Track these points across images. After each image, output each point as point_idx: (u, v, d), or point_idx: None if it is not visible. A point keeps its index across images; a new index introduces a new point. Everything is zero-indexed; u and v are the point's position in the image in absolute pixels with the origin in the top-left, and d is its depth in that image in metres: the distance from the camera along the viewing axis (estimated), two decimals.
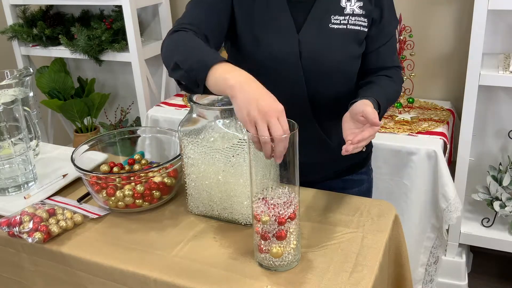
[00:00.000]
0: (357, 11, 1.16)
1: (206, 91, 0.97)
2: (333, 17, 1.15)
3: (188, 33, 1.08)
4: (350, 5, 1.16)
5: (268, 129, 0.85)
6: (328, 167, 1.31)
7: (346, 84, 1.22)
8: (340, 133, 1.15)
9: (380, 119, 1.07)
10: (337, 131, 1.17)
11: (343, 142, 1.14)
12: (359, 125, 1.05)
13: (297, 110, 1.14)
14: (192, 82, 0.98)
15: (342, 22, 1.15)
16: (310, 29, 1.15)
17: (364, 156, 1.37)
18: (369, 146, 1.39)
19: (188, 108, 1.27)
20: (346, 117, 1.07)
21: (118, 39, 2.42)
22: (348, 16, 1.15)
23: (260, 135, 0.85)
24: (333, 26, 1.15)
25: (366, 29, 1.18)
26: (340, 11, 1.16)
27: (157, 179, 1.15)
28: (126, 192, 1.11)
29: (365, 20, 1.17)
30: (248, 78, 0.91)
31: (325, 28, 1.15)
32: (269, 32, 1.16)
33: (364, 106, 1.03)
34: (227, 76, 0.91)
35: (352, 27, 1.16)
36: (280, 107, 0.88)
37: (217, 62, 0.94)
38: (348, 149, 1.00)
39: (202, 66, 0.95)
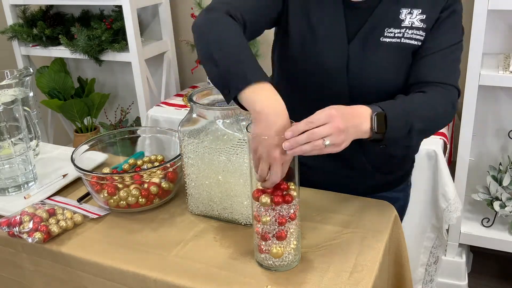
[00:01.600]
0: (417, 24, 1.05)
1: (230, 99, 0.93)
2: (387, 29, 1.06)
3: (227, 19, 0.99)
4: (410, 18, 1.06)
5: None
6: (359, 182, 1.22)
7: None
8: (372, 156, 1.11)
9: (389, 135, 0.95)
10: (369, 152, 1.13)
11: (379, 160, 1.11)
12: None
13: None
14: (221, 85, 0.93)
15: (396, 35, 1.05)
16: (361, 41, 1.07)
17: (402, 174, 1.27)
18: (407, 163, 1.28)
19: (188, 108, 1.27)
20: None
21: (118, 39, 2.42)
22: (404, 29, 1.06)
23: (259, 170, 0.87)
24: (384, 39, 1.06)
25: (420, 43, 1.07)
26: (398, 23, 1.06)
27: (156, 179, 1.15)
28: (133, 192, 1.11)
29: (424, 33, 1.06)
30: (276, 110, 0.87)
31: (377, 41, 1.06)
32: (318, 39, 1.09)
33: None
34: (257, 98, 0.88)
35: (407, 41, 1.06)
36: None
37: (257, 81, 0.89)
38: (284, 145, 0.86)
39: (242, 79, 0.89)
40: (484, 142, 2.09)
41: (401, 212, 1.27)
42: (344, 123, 0.88)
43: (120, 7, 2.38)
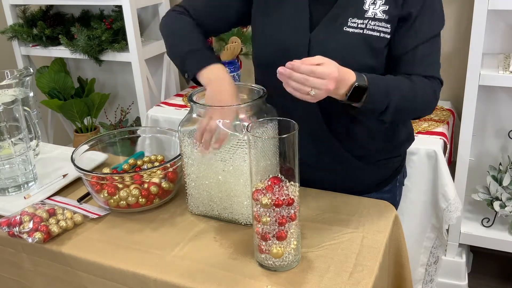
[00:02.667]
0: (379, 15, 1.07)
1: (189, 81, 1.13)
2: (351, 19, 1.07)
3: (177, 17, 1.21)
4: (373, 8, 1.07)
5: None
6: (341, 181, 1.23)
7: None
8: (357, 145, 1.13)
9: (371, 109, 1.02)
10: (352, 141, 1.15)
11: (360, 153, 1.14)
12: None
13: (306, 114, 1.13)
14: (182, 72, 1.15)
15: (359, 26, 1.07)
16: (324, 30, 1.09)
17: (389, 173, 1.27)
18: (396, 162, 1.28)
19: (188, 108, 1.27)
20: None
21: (118, 39, 2.42)
22: (367, 20, 1.07)
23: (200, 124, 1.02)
24: (348, 29, 1.07)
25: (387, 35, 1.08)
26: (361, 14, 1.07)
27: (156, 179, 1.15)
28: (134, 192, 1.11)
29: (388, 25, 1.07)
30: (219, 77, 1.08)
31: (339, 30, 1.08)
32: (281, 26, 1.12)
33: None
34: (207, 74, 1.09)
35: (370, 32, 1.07)
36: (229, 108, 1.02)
37: (208, 65, 1.09)
38: (279, 70, 0.96)
39: (195, 66, 1.11)
40: (484, 142, 2.09)
41: None
42: (335, 86, 0.96)
43: (120, 7, 2.38)
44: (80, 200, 1.21)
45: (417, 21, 1.08)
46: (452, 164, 1.99)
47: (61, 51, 2.58)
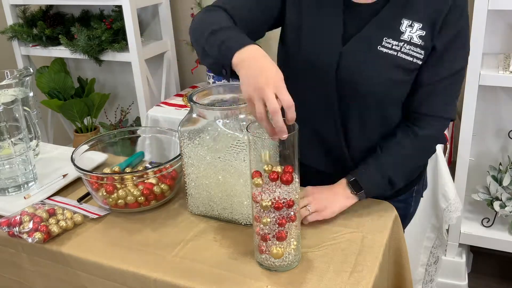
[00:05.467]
0: (415, 40, 1.04)
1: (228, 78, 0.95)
2: (386, 39, 1.04)
3: (214, 13, 1.06)
4: (410, 31, 1.04)
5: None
6: None
7: (378, 110, 1.11)
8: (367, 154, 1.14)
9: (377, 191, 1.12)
10: (364, 152, 1.15)
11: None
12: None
13: (327, 125, 1.15)
14: (217, 69, 0.97)
15: (393, 47, 1.04)
16: (356, 46, 1.06)
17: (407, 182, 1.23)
18: (420, 178, 1.28)
19: (188, 108, 1.27)
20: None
21: (118, 39, 2.42)
22: (403, 43, 1.04)
23: (257, 112, 0.85)
24: (382, 49, 1.04)
25: (420, 62, 1.05)
26: (397, 35, 1.04)
27: (155, 180, 1.15)
28: (132, 192, 1.11)
29: (422, 52, 1.04)
30: (252, 55, 0.89)
31: (373, 49, 1.05)
32: (314, 38, 1.10)
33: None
34: (243, 54, 0.90)
35: (403, 56, 1.04)
36: (277, 76, 0.86)
37: (242, 46, 0.91)
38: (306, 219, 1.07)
39: (229, 51, 0.92)
40: (484, 142, 2.09)
41: (404, 221, 1.26)
42: (322, 195, 1.09)
43: (120, 7, 2.38)
44: (80, 200, 1.21)
45: (447, 52, 1.06)
46: (452, 164, 1.99)
47: (61, 51, 2.58)
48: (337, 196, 1.10)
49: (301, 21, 1.11)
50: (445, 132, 1.86)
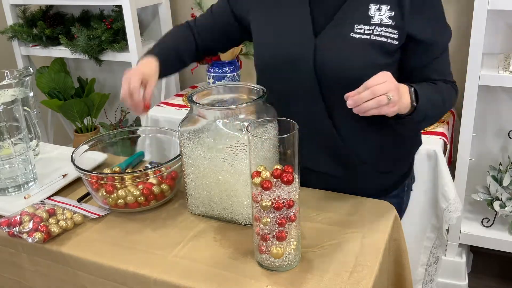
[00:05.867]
0: (386, 21, 1.06)
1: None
2: (357, 26, 1.06)
3: (177, 28, 1.34)
4: (379, 14, 1.06)
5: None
6: (347, 184, 1.20)
7: None
8: (364, 149, 1.13)
9: (417, 120, 1.06)
10: (361, 145, 1.14)
11: (367, 158, 1.14)
12: None
13: (315, 120, 1.14)
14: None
15: (366, 32, 1.06)
16: (330, 35, 1.08)
17: (397, 179, 1.25)
18: (404, 167, 1.28)
19: (188, 108, 1.27)
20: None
21: (118, 39, 2.42)
22: (374, 26, 1.06)
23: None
24: (354, 35, 1.06)
25: (395, 42, 1.07)
26: (367, 20, 1.06)
27: (155, 180, 1.15)
28: (132, 192, 1.11)
29: (395, 31, 1.06)
30: (140, 62, 1.21)
31: (346, 36, 1.07)
32: (284, 33, 1.11)
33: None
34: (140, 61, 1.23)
35: (377, 38, 1.06)
36: (134, 71, 1.13)
37: (143, 57, 1.22)
38: (349, 103, 0.98)
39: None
40: (484, 142, 2.09)
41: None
42: (396, 84, 0.98)
43: (120, 7, 2.38)
44: (80, 200, 1.21)
45: (431, 37, 1.10)
46: (452, 164, 1.99)
47: (61, 51, 2.59)
48: (406, 95, 1.02)
49: (269, 22, 1.14)
50: (445, 132, 1.86)
